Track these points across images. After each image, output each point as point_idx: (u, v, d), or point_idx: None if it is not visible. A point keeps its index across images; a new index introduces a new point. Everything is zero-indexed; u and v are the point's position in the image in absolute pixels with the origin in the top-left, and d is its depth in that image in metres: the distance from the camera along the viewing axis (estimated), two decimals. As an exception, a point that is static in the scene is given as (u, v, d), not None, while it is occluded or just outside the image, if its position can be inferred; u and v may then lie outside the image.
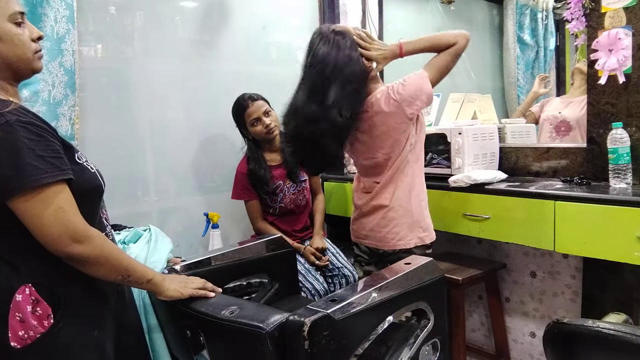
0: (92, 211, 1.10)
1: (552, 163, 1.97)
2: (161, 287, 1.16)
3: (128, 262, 1.09)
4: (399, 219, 1.64)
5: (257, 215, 2.20)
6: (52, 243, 0.97)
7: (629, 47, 1.65)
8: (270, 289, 1.69)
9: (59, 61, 1.77)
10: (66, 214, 0.98)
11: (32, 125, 0.98)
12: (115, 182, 2.08)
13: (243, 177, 2.18)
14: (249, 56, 2.46)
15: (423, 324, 1.23)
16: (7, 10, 1.03)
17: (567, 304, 2.01)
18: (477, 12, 3.68)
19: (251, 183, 2.17)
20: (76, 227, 0.99)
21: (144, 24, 2.14)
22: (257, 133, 2.15)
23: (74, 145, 1.12)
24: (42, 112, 1.75)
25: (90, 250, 1.00)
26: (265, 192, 2.17)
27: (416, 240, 1.65)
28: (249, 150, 2.20)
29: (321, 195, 2.38)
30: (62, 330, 1.02)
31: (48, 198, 0.96)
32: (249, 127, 2.15)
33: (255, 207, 2.20)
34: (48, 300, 1.01)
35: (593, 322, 0.93)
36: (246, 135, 2.20)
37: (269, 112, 2.15)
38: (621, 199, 1.46)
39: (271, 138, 2.17)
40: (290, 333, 0.97)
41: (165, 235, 1.61)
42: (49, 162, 0.97)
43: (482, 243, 2.28)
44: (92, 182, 1.10)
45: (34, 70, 1.10)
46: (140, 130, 2.15)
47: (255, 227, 2.22)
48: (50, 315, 1.01)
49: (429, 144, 2.04)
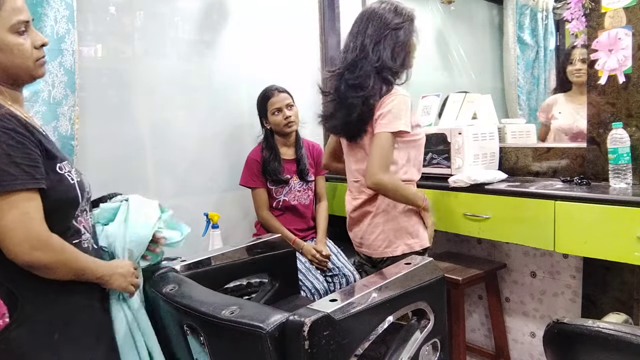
0: (63, 221, 1.12)
1: (552, 163, 1.97)
2: (108, 284, 1.18)
3: (84, 263, 1.12)
4: (384, 225, 1.63)
5: (262, 204, 2.24)
6: (12, 247, 0.99)
7: (629, 47, 1.65)
8: (270, 289, 1.69)
9: (59, 61, 1.77)
10: (32, 221, 1.01)
11: (14, 132, 1.01)
12: (115, 182, 2.08)
13: (254, 164, 2.23)
14: (249, 56, 2.46)
15: (423, 324, 1.23)
16: (8, 21, 1.05)
17: (567, 304, 2.01)
18: (477, 12, 3.68)
19: (261, 171, 2.22)
20: (39, 235, 1.02)
21: (144, 24, 2.14)
22: (276, 123, 2.22)
23: (62, 156, 1.14)
24: (42, 112, 1.75)
25: (47, 258, 1.03)
26: (273, 182, 2.22)
27: (403, 247, 1.62)
28: (264, 139, 2.28)
29: (325, 202, 2.39)
30: (15, 331, 1.04)
31: (16, 203, 0.99)
32: (270, 115, 2.22)
33: (262, 195, 2.24)
34: (5, 300, 1.03)
35: (593, 322, 0.93)
36: (265, 124, 2.27)
37: (291, 105, 2.23)
38: (621, 199, 1.46)
39: (288, 131, 2.24)
40: (290, 333, 0.97)
41: (149, 203, 1.42)
42: (23, 169, 1.01)
43: (482, 243, 2.28)
44: (68, 193, 1.12)
45: (34, 77, 1.13)
46: (140, 130, 2.15)
47: (260, 215, 2.26)
48: (6, 314, 1.03)
49: (429, 144, 2.04)
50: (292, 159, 2.29)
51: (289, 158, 2.28)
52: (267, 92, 2.25)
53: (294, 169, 2.27)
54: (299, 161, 2.28)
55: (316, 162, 2.36)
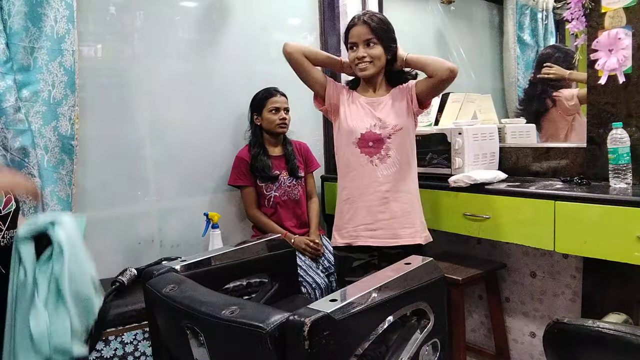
0: None
1: (552, 163, 1.97)
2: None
3: None
4: None
5: (251, 203, 2.29)
6: None
7: (629, 47, 1.65)
8: (270, 289, 1.69)
9: (59, 61, 1.77)
10: None
11: None
12: (115, 182, 2.08)
13: (242, 163, 2.27)
14: (249, 56, 2.46)
15: (423, 324, 1.23)
16: None
17: (567, 304, 2.01)
18: (477, 12, 3.67)
19: (250, 169, 2.26)
20: None
21: (144, 24, 2.14)
22: (270, 121, 2.26)
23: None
24: (42, 112, 1.75)
25: None
26: (262, 178, 2.26)
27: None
28: (253, 136, 2.32)
29: (315, 198, 2.46)
30: None
31: None
32: (266, 112, 2.26)
33: (251, 194, 2.28)
34: None
35: (593, 322, 0.93)
36: (255, 120, 2.30)
37: (288, 110, 2.30)
38: (621, 199, 1.46)
39: (279, 131, 2.28)
40: (290, 333, 0.97)
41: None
42: None
43: (482, 243, 2.28)
44: None
45: None
46: (140, 130, 2.15)
47: (249, 213, 2.30)
48: None
49: (429, 144, 2.04)
50: (280, 155, 2.33)
51: (277, 155, 2.33)
52: (268, 90, 2.30)
53: (282, 165, 2.32)
54: (288, 158, 2.32)
55: (304, 159, 2.41)
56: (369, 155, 1.69)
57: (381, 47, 1.68)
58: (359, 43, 1.68)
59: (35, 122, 1.74)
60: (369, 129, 1.69)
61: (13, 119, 1.67)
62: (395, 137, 1.68)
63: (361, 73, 1.71)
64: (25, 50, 1.70)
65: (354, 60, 1.70)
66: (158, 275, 1.35)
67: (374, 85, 1.76)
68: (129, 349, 1.67)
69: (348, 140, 1.71)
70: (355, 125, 1.70)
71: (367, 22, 1.67)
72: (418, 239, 1.72)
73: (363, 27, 1.67)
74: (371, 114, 1.71)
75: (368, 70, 1.69)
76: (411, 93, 1.71)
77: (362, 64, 1.68)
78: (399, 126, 1.68)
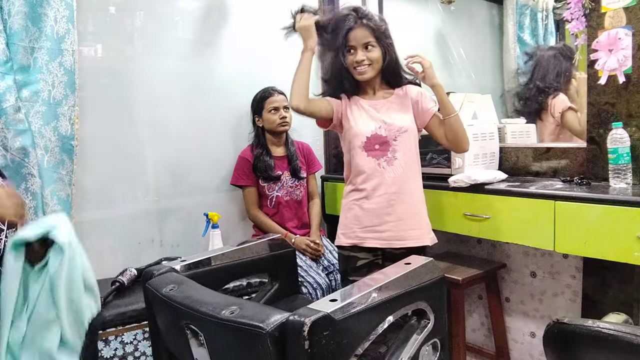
0: None
1: (552, 163, 1.97)
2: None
3: None
4: None
5: (252, 203, 2.29)
6: None
7: (629, 47, 1.65)
8: (270, 289, 1.69)
9: (58, 61, 1.77)
10: None
11: None
12: (115, 182, 2.08)
13: (244, 163, 2.28)
14: (249, 56, 2.46)
15: (423, 324, 1.23)
16: None
17: (567, 304, 2.01)
18: (477, 12, 3.67)
19: (252, 170, 2.26)
20: None
21: (144, 24, 2.14)
22: (271, 121, 2.27)
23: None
24: (42, 112, 1.75)
25: None
26: (265, 179, 2.26)
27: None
28: (255, 137, 2.33)
29: (317, 199, 2.46)
30: None
31: None
32: (266, 113, 2.27)
33: (252, 194, 2.29)
34: None
35: (593, 322, 0.93)
36: (257, 122, 2.31)
37: (288, 108, 2.28)
38: (621, 199, 1.46)
39: (281, 130, 2.29)
40: (290, 333, 0.97)
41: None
42: None
43: (482, 243, 2.28)
44: None
45: None
46: (140, 130, 2.15)
47: (250, 213, 2.31)
48: None
49: (429, 144, 2.04)
50: (283, 156, 2.34)
51: (279, 155, 2.33)
52: (266, 90, 2.30)
53: (285, 166, 2.32)
54: (290, 159, 2.33)
55: (307, 160, 2.41)
56: (375, 158, 1.69)
57: (379, 49, 1.68)
58: (358, 47, 1.67)
59: (35, 122, 1.74)
60: (374, 132, 1.69)
61: (13, 119, 1.67)
62: (401, 139, 1.68)
63: (360, 77, 1.70)
64: (25, 50, 1.71)
65: (352, 64, 1.69)
66: (158, 275, 1.35)
67: (372, 87, 1.75)
68: (129, 349, 1.67)
69: (354, 143, 1.71)
70: (361, 129, 1.70)
71: (366, 24, 1.66)
72: (425, 241, 1.72)
73: (362, 29, 1.66)
74: (375, 117, 1.70)
75: (367, 73, 1.69)
76: (422, 115, 1.73)
77: (361, 67, 1.68)
78: (404, 128, 1.68)
